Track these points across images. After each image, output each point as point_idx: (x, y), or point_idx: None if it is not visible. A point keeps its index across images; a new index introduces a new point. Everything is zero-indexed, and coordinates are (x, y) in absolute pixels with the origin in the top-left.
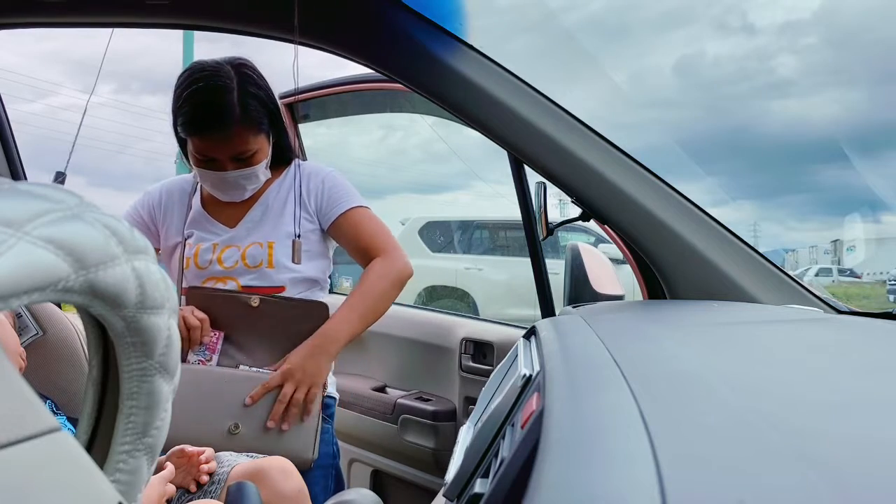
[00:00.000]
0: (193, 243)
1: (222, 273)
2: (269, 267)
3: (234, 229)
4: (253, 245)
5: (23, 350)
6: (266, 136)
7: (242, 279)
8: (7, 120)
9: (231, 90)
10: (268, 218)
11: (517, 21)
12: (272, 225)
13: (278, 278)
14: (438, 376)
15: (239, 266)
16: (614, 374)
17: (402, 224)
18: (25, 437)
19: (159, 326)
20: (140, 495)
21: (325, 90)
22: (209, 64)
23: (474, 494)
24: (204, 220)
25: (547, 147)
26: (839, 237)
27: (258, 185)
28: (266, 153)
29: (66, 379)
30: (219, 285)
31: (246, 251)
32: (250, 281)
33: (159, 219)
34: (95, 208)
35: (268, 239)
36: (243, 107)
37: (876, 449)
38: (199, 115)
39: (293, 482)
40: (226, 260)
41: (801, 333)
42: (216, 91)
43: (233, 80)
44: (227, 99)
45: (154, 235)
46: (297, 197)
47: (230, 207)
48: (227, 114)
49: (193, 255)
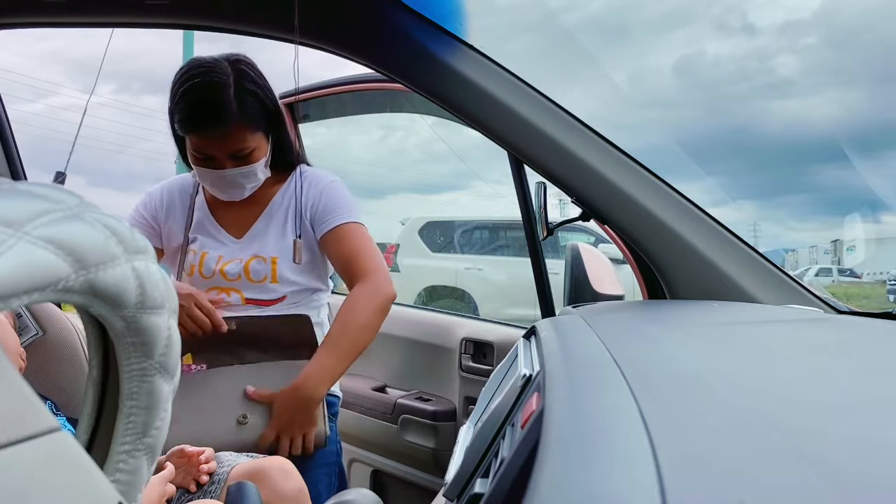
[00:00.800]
0: (198, 250)
1: (226, 284)
2: (272, 282)
3: (240, 241)
4: (256, 259)
5: (23, 350)
6: (264, 134)
7: (246, 292)
8: (7, 120)
9: (227, 87)
10: (272, 229)
11: (517, 21)
12: (275, 237)
13: (281, 290)
14: (438, 376)
15: (242, 279)
16: (614, 374)
17: (402, 224)
18: (25, 437)
19: (159, 326)
20: (140, 495)
21: (325, 90)
22: (206, 60)
23: (474, 494)
24: (209, 225)
25: (547, 147)
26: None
27: (257, 184)
28: (265, 151)
29: (66, 379)
30: (222, 295)
31: (249, 264)
32: (254, 294)
33: (162, 219)
34: (95, 208)
35: (271, 254)
36: (240, 103)
37: (876, 449)
38: (195, 111)
39: (293, 482)
40: (229, 272)
41: (801, 333)
42: (212, 87)
43: (229, 76)
44: (224, 95)
45: (157, 236)
46: (298, 199)
47: (236, 213)
48: (224, 110)
49: (198, 263)
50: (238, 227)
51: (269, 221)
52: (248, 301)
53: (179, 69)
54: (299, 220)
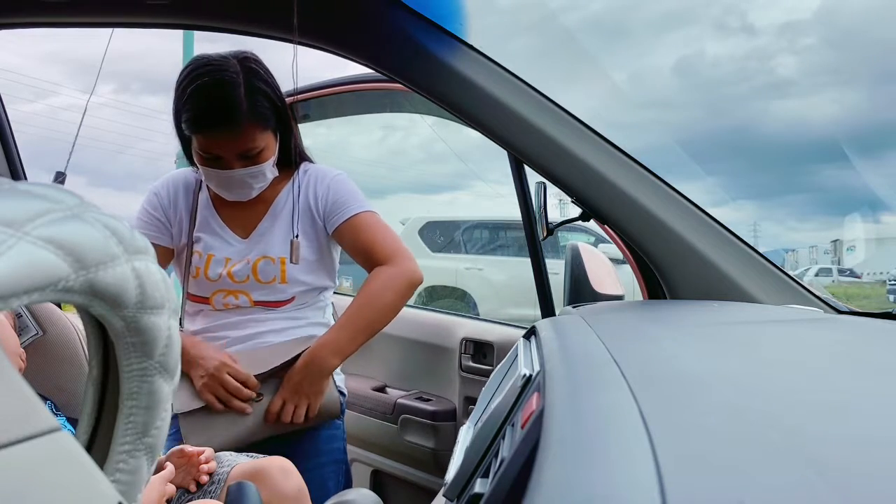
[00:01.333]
0: (203, 252)
1: (234, 287)
2: (281, 282)
3: (246, 241)
4: (264, 259)
5: (23, 350)
6: (273, 133)
7: (254, 294)
8: (7, 120)
9: (238, 85)
10: (278, 228)
11: (517, 21)
12: (283, 237)
13: (290, 291)
14: (438, 376)
15: (250, 281)
16: (614, 374)
17: (402, 224)
18: (25, 437)
19: (159, 326)
20: (140, 495)
21: (325, 90)
22: (214, 58)
23: (474, 494)
24: (215, 225)
25: (547, 147)
26: (839, 237)
27: (265, 184)
28: (273, 151)
29: (66, 379)
30: (229, 298)
31: (257, 265)
32: (262, 296)
33: (171, 216)
34: (95, 208)
35: (279, 254)
36: (251, 102)
37: (876, 449)
38: (205, 111)
39: (293, 482)
40: (236, 274)
41: (801, 333)
42: (223, 86)
43: (239, 74)
44: (235, 94)
45: (170, 235)
46: (296, 198)
47: (241, 212)
48: (235, 110)
49: (204, 266)
50: (243, 227)
51: (274, 220)
52: (256, 303)
53: (185, 66)
54: (297, 219)
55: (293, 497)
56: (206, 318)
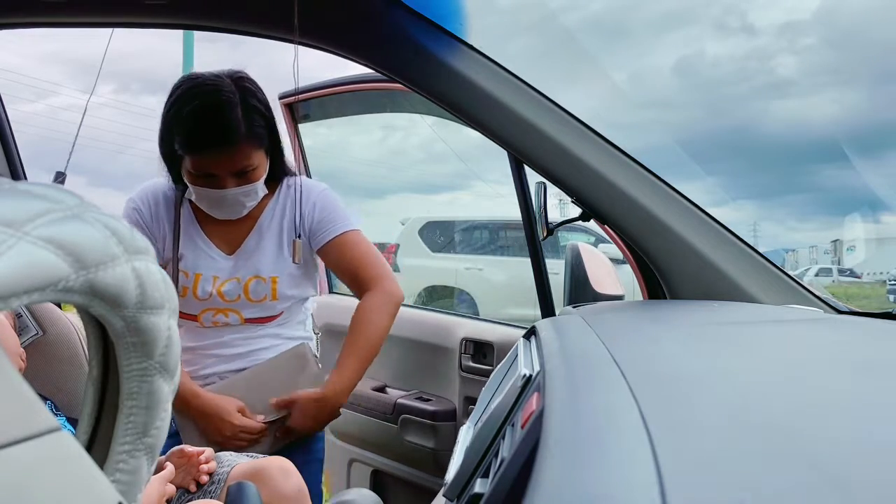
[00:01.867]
0: (190, 271)
1: (224, 305)
2: (272, 300)
3: (232, 257)
4: (255, 279)
5: (23, 350)
6: (266, 151)
7: (245, 311)
8: (7, 120)
9: (235, 105)
10: (266, 245)
11: (517, 21)
12: (273, 256)
13: (279, 307)
14: (438, 376)
15: (241, 300)
16: (614, 374)
17: (402, 224)
18: (25, 437)
19: (159, 326)
20: (140, 495)
21: (325, 90)
22: (209, 78)
23: (474, 494)
24: (199, 241)
25: (547, 147)
26: (839, 237)
27: (256, 202)
28: (265, 168)
29: (66, 379)
30: (219, 316)
31: (248, 285)
32: (253, 313)
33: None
34: (95, 208)
35: (270, 273)
36: (248, 122)
37: (876, 449)
38: (203, 132)
39: (293, 482)
40: (227, 293)
41: (801, 333)
42: (221, 106)
43: (235, 94)
44: (232, 115)
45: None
46: (298, 206)
47: (225, 228)
48: (234, 131)
49: (192, 286)
50: (228, 243)
51: (260, 238)
52: (247, 320)
53: (176, 86)
54: (300, 222)
55: (293, 497)
56: (193, 335)
